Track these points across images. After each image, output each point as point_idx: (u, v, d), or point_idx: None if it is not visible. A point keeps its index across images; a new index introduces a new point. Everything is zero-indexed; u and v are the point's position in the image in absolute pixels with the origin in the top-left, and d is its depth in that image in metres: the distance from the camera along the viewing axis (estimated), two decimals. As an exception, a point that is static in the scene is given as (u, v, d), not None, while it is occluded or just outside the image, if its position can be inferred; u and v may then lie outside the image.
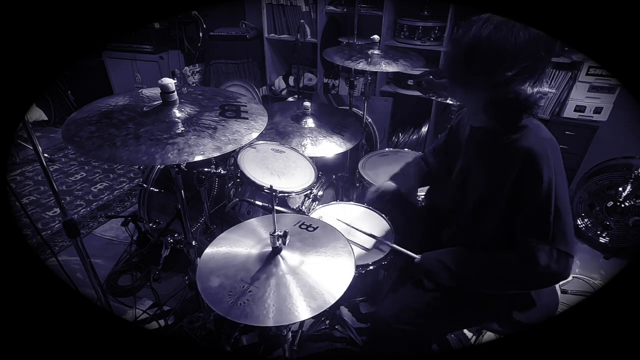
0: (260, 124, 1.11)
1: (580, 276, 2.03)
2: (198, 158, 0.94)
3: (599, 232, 2.21)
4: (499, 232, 1.04)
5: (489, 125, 1.02)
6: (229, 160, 1.69)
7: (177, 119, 1.04)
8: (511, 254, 0.99)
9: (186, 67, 3.39)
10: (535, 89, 0.90)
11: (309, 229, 1.19)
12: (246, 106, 1.18)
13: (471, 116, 1.10)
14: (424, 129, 2.90)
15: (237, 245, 1.12)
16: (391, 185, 1.39)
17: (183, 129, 1.01)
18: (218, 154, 0.96)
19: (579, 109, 2.28)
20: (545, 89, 0.93)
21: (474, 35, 0.89)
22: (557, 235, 0.92)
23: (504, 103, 0.93)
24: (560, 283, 1.76)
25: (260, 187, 1.51)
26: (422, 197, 1.65)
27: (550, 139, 0.97)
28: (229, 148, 0.98)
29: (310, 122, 1.91)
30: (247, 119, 1.11)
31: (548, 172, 0.91)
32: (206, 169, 1.50)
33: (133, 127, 1.00)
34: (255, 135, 1.06)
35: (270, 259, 1.04)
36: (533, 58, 0.87)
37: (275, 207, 1.02)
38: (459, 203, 1.16)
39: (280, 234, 1.03)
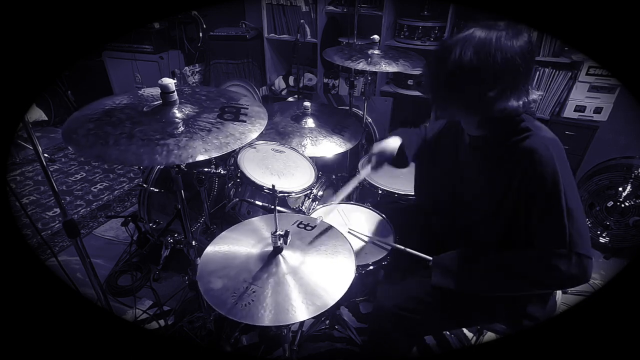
0: (257, 127, 1.08)
1: (580, 276, 2.03)
2: (186, 161, 0.92)
3: (599, 232, 2.21)
4: (505, 235, 1.04)
5: (487, 133, 1.02)
6: (229, 160, 1.69)
7: (176, 120, 1.04)
8: (527, 253, 0.99)
9: (186, 67, 3.39)
10: (521, 101, 0.91)
11: (307, 228, 1.19)
12: (247, 109, 1.16)
13: (465, 127, 1.09)
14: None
15: (237, 245, 1.12)
16: (394, 147, 1.33)
17: (182, 128, 1.00)
18: (208, 158, 0.94)
19: (579, 109, 2.28)
20: (533, 95, 0.93)
21: (454, 60, 0.88)
22: (573, 236, 0.91)
23: (494, 119, 0.95)
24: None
25: (260, 187, 1.51)
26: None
27: (553, 139, 0.96)
28: (219, 152, 0.96)
29: (310, 122, 1.91)
30: (244, 121, 1.10)
31: (552, 173, 0.90)
32: (206, 169, 1.50)
33: (129, 126, 0.99)
34: (248, 139, 1.03)
35: (271, 258, 1.04)
36: (512, 76, 0.88)
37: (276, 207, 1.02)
38: (463, 205, 1.16)
39: (281, 233, 1.03)
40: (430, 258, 1.17)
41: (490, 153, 1.03)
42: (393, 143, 1.32)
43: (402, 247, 1.28)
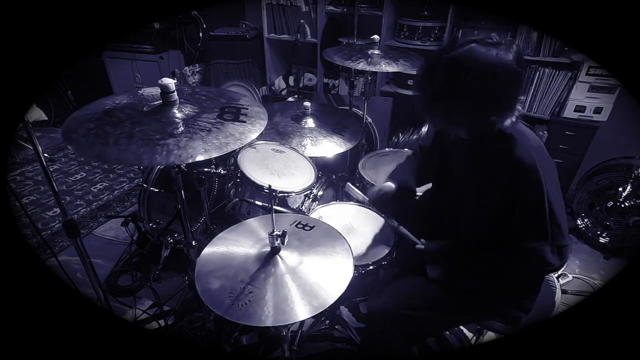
0: (257, 127, 1.09)
1: (580, 276, 2.03)
2: (186, 161, 0.92)
3: (599, 232, 2.21)
4: (493, 234, 1.06)
5: (473, 135, 1.04)
6: (229, 160, 1.69)
7: (176, 120, 1.04)
8: (515, 252, 1.03)
9: (186, 67, 3.39)
10: (514, 117, 0.94)
11: (306, 228, 1.19)
12: (247, 109, 1.16)
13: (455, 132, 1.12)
14: (424, 129, 2.90)
15: (235, 246, 1.12)
16: (391, 186, 1.38)
17: (182, 129, 1.00)
18: (208, 158, 0.94)
19: (579, 109, 2.28)
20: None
21: (454, 82, 0.88)
22: (554, 231, 0.97)
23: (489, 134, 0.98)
24: (561, 283, 1.76)
25: (260, 187, 1.51)
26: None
27: (538, 146, 0.99)
28: (219, 152, 0.96)
29: (310, 122, 1.91)
30: (244, 122, 1.10)
31: (537, 181, 0.93)
32: (206, 169, 1.50)
33: (129, 126, 0.99)
34: (248, 140, 1.04)
35: (269, 259, 1.04)
36: (512, 98, 0.90)
37: (275, 207, 1.02)
38: (455, 204, 1.18)
39: (278, 233, 1.03)
40: (420, 243, 1.19)
41: (476, 157, 1.06)
42: (389, 187, 1.33)
43: (396, 224, 1.29)
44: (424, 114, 1.01)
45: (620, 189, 2.07)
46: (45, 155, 2.98)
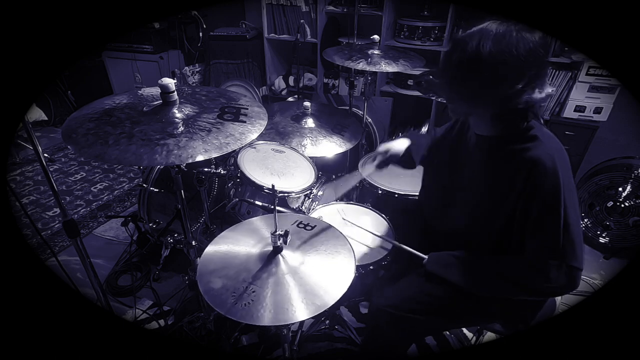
0: (257, 127, 1.09)
1: (580, 276, 2.03)
2: (186, 161, 0.91)
3: (599, 232, 2.21)
4: (499, 237, 1.04)
5: (496, 133, 1.01)
6: (229, 160, 1.69)
7: (176, 120, 1.04)
8: (520, 260, 0.99)
9: (186, 67, 3.39)
10: (543, 93, 0.89)
11: (307, 228, 1.19)
12: (247, 109, 1.16)
13: (475, 125, 1.08)
14: (424, 129, 2.90)
15: (236, 245, 1.12)
16: (400, 149, 1.32)
17: (182, 129, 1.00)
18: (208, 158, 0.94)
19: (579, 109, 2.28)
20: (549, 89, 0.91)
21: (474, 54, 0.85)
22: (567, 248, 0.92)
23: (514, 112, 0.93)
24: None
25: (260, 187, 1.51)
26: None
27: (560, 149, 0.96)
28: (219, 152, 0.96)
29: (310, 122, 1.91)
30: (244, 122, 1.10)
31: (555, 184, 0.90)
32: (206, 169, 1.50)
33: (129, 126, 0.99)
34: (248, 140, 1.03)
35: (270, 258, 1.04)
36: (537, 64, 0.86)
37: (276, 207, 1.02)
38: (463, 206, 1.16)
39: (281, 233, 1.03)
40: (425, 257, 1.17)
41: (496, 156, 1.02)
42: (401, 144, 1.31)
43: (397, 243, 1.28)
44: (448, 101, 0.99)
45: (620, 189, 2.07)
46: (45, 155, 2.98)
